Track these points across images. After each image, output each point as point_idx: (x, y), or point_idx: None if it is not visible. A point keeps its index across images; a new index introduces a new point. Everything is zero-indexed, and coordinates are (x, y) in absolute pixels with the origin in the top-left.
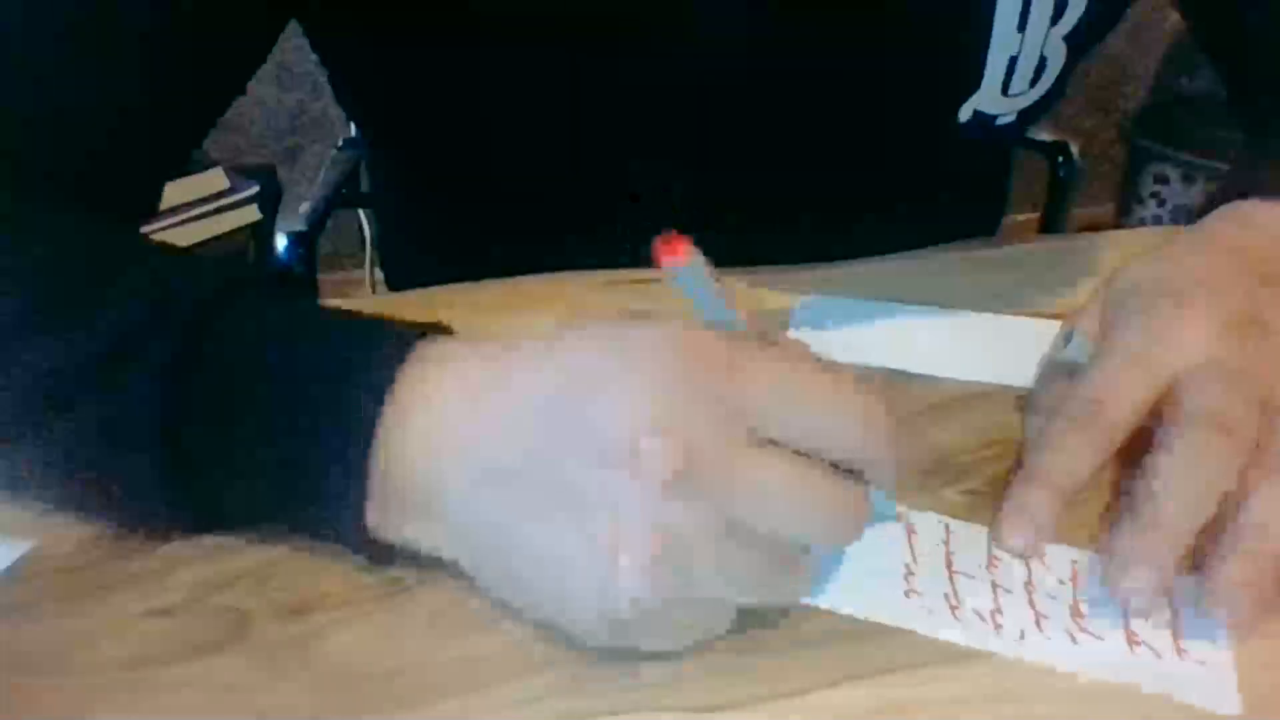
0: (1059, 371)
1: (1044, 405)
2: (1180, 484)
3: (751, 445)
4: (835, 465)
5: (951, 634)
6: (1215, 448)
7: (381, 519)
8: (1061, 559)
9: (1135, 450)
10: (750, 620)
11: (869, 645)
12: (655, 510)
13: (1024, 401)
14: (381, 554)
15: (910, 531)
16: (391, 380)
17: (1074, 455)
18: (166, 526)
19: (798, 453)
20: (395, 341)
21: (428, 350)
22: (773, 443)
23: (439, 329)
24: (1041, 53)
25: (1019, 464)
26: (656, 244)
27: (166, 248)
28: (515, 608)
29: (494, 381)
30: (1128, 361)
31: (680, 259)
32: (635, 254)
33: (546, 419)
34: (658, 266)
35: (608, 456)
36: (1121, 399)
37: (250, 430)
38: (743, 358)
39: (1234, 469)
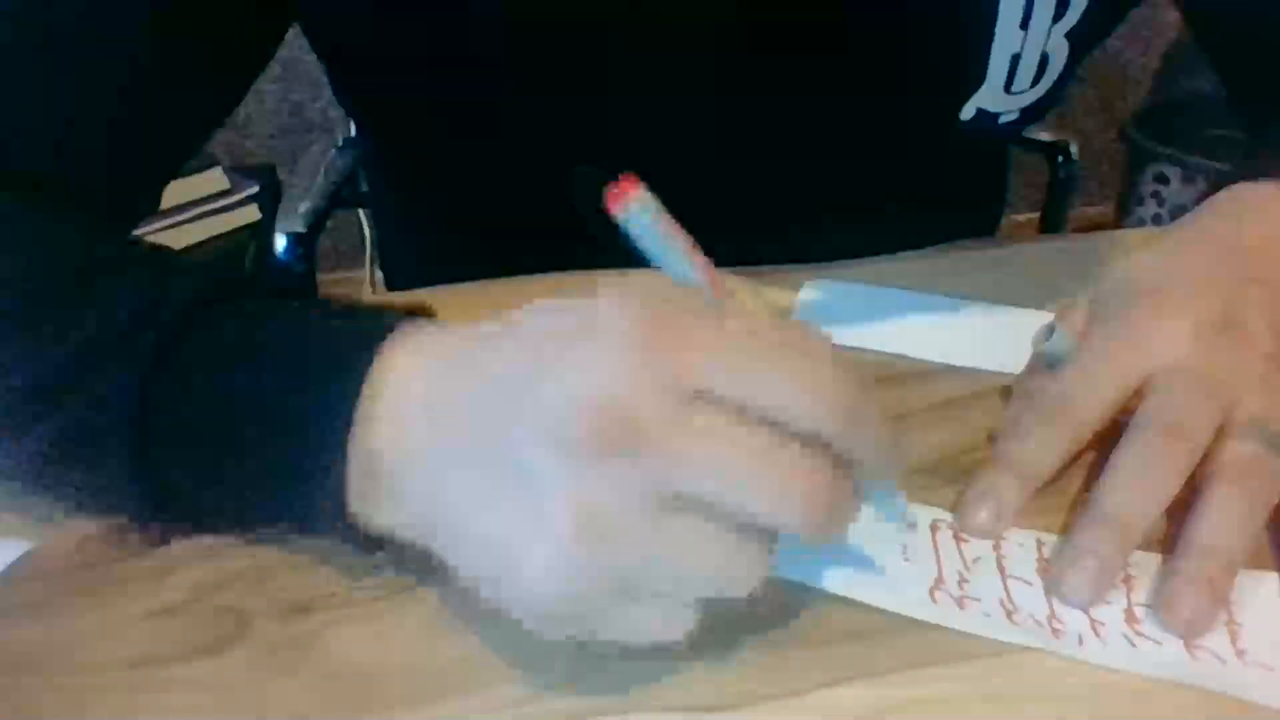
0: (1040, 364)
1: (1022, 396)
2: (1124, 484)
3: (702, 414)
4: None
5: (1011, 637)
6: (1163, 452)
7: (361, 507)
8: None
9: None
10: (750, 619)
11: (869, 645)
12: (582, 483)
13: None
14: (370, 543)
15: (959, 538)
16: (368, 366)
17: (1041, 446)
18: (150, 522)
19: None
20: (369, 330)
21: (402, 337)
22: (738, 411)
23: (418, 310)
24: (1044, 50)
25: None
26: (607, 189)
27: (151, 251)
28: (479, 594)
29: (463, 362)
30: (1102, 359)
31: (628, 202)
32: (635, 253)
33: (504, 397)
34: (608, 212)
35: (551, 431)
36: (1092, 396)
37: (228, 429)
38: (702, 320)
39: (1179, 474)
